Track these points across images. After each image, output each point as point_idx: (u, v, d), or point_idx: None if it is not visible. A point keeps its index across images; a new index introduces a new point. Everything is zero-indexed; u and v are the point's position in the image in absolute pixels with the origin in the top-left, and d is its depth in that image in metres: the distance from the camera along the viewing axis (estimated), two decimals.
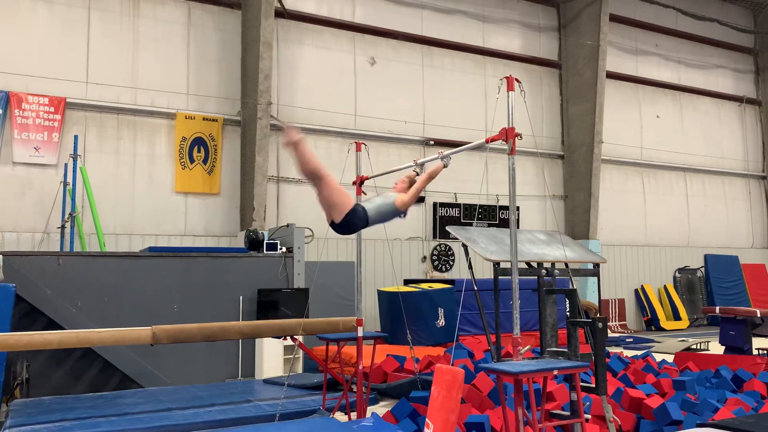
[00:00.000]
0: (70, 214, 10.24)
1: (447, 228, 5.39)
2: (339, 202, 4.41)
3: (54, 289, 8.46)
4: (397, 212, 4.83)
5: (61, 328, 8.12)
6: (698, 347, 12.17)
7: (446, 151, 5.18)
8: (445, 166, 5.04)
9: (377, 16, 14.77)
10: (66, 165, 10.71)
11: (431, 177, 4.94)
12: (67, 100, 11.41)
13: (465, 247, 5.55)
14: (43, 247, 10.89)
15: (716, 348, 10.82)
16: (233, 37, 13.14)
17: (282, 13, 13.39)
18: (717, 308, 10.39)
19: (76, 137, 10.77)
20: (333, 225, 4.54)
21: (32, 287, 8.29)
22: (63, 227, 10.51)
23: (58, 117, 11.30)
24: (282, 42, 13.56)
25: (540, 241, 5.51)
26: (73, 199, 10.22)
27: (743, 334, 9.43)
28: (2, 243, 10.49)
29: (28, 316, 8.26)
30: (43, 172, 11.17)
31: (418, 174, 5.24)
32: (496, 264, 5.22)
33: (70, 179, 10.42)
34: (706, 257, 19.18)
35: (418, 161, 5.51)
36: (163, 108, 12.32)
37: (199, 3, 12.87)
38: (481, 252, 5.00)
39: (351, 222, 4.51)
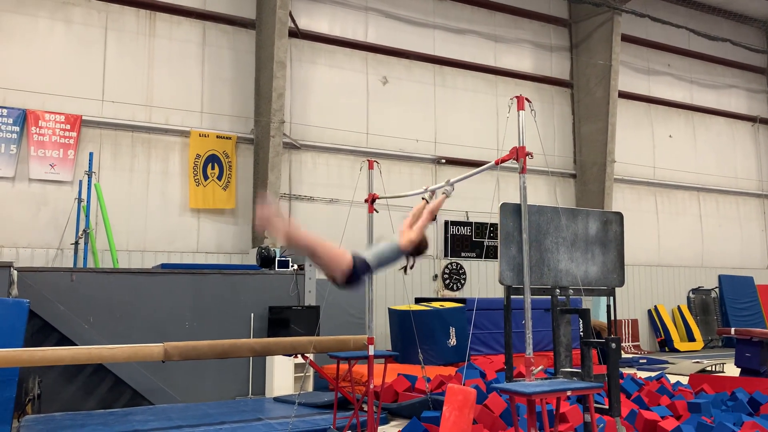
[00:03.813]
0: (84, 230, 10.32)
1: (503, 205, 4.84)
2: (336, 262, 4.13)
3: (67, 305, 8.51)
4: (401, 253, 4.52)
5: (74, 344, 8.15)
6: (713, 369, 12.00)
7: (457, 170, 5.21)
8: (447, 196, 4.97)
9: (390, 36, 14.89)
10: (81, 182, 10.82)
11: (433, 213, 4.75)
12: (83, 117, 11.55)
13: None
14: (57, 263, 10.97)
15: (732, 370, 10.67)
16: (247, 56, 13.29)
17: (296, 33, 13.54)
18: (732, 329, 10.26)
19: (91, 154, 10.89)
20: (336, 284, 4.29)
21: (45, 303, 8.34)
22: (77, 243, 10.59)
23: (74, 134, 11.43)
24: (295, 61, 13.69)
25: (582, 242, 5.33)
26: (87, 216, 10.30)
27: (759, 356, 9.30)
28: (17, 258, 10.57)
29: (41, 332, 8.30)
30: (59, 188, 11.28)
31: (427, 201, 4.99)
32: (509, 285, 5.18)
33: (84, 196, 10.52)
34: (721, 278, 18.97)
35: (429, 188, 5.47)
36: (177, 126, 12.45)
37: (214, 23, 13.04)
38: (501, 270, 4.90)
39: (354, 277, 4.22)
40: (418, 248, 4.58)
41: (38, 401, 8.03)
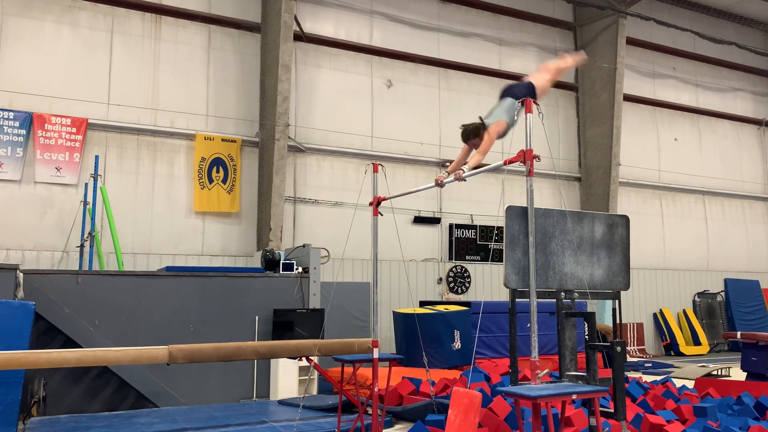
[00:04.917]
0: (89, 233, 10.35)
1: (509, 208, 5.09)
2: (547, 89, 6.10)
3: (72, 308, 8.53)
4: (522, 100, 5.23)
5: (79, 346, 8.17)
6: (719, 373, 11.95)
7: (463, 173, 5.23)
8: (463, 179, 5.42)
9: (394, 39, 14.91)
10: (86, 185, 10.85)
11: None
12: (89, 121, 11.60)
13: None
14: (63, 265, 11.00)
15: (738, 374, 10.62)
16: (252, 59, 13.32)
17: (301, 37, 13.57)
18: (738, 333, 10.20)
19: (96, 157, 10.93)
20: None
21: (51, 305, 8.37)
22: (82, 246, 10.62)
23: (80, 137, 11.48)
24: (300, 65, 13.72)
25: (588, 245, 5.30)
26: (92, 219, 10.33)
27: (765, 360, 9.25)
28: (23, 261, 10.61)
29: (47, 334, 8.33)
30: (64, 191, 11.32)
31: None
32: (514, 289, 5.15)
33: (90, 199, 10.55)
34: (726, 281, 18.91)
35: (442, 180, 5.63)
36: (182, 129, 12.48)
37: (219, 26, 13.08)
38: (506, 273, 4.89)
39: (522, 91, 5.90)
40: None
41: (43, 403, 8.05)
